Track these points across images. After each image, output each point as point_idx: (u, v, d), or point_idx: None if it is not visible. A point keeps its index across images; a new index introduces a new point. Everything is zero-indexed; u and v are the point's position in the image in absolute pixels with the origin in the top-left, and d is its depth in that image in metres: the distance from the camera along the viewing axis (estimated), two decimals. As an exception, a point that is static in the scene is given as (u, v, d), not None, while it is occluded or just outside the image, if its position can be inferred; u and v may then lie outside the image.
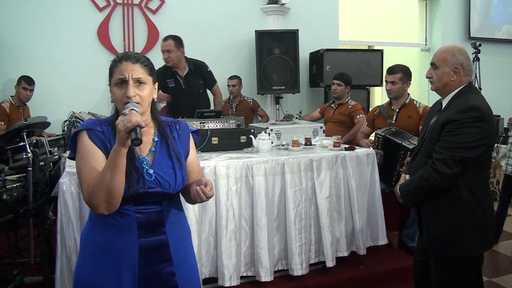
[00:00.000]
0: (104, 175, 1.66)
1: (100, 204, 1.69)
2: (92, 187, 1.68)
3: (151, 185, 1.80)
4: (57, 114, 5.28)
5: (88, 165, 1.74)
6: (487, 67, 7.52)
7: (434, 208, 2.53)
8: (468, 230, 2.43)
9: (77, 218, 2.95)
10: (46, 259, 3.25)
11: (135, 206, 1.80)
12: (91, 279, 1.81)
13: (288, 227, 3.53)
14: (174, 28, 6.34)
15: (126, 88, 1.76)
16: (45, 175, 3.58)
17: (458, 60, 2.53)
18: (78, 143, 1.80)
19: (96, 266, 1.81)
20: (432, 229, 2.54)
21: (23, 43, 5.83)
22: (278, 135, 4.24)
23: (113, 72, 1.81)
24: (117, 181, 1.67)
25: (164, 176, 1.83)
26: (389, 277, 3.85)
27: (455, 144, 2.39)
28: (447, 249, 2.47)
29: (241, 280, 3.45)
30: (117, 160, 1.65)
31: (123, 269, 1.79)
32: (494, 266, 4.21)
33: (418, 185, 2.52)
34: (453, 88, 2.55)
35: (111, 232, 1.80)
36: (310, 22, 7.09)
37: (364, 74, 6.68)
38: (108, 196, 1.67)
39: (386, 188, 4.10)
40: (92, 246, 1.85)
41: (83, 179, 1.73)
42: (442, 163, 2.40)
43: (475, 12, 8.36)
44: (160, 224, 1.85)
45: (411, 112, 4.26)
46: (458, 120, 2.39)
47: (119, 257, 1.80)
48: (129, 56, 1.82)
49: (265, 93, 6.58)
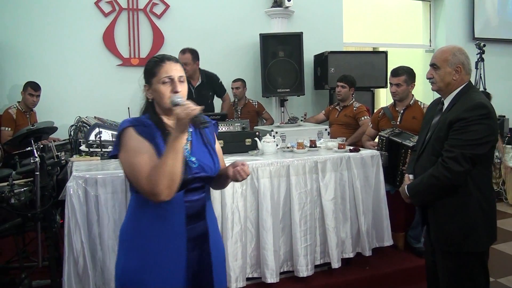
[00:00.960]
0: (165, 161, 1.78)
1: (163, 190, 1.79)
2: (154, 175, 1.78)
3: (196, 171, 1.96)
4: (63, 119, 5.33)
5: (142, 158, 1.85)
6: (492, 68, 7.51)
7: (445, 207, 2.56)
8: (479, 226, 2.49)
9: (84, 221, 2.98)
10: (53, 263, 3.28)
11: (184, 194, 1.95)
12: (143, 270, 1.93)
13: (294, 229, 3.55)
14: (179, 33, 6.41)
15: (173, 85, 1.95)
16: (53, 179, 3.62)
17: (459, 60, 2.58)
18: (125, 139, 1.90)
19: (147, 256, 1.94)
20: (444, 227, 2.57)
21: (30, 49, 5.88)
22: (283, 137, 4.25)
23: (157, 71, 1.97)
24: (178, 166, 1.80)
25: (205, 161, 2.01)
26: (395, 278, 3.85)
27: (464, 142, 2.43)
28: (460, 245, 2.51)
29: (247, 282, 3.47)
30: (178, 146, 1.79)
31: (173, 254, 1.94)
32: (500, 266, 4.20)
33: (429, 184, 2.55)
34: (455, 87, 2.60)
35: (160, 222, 1.94)
36: (314, 24, 7.10)
37: (369, 76, 6.69)
38: (171, 181, 1.79)
39: (392, 189, 4.10)
40: (141, 240, 1.96)
41: (139, 171, 1.83)
42: (453, 161, 2.44)
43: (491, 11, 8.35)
44: (203, 211, 2.05)
45: (415, 113, 4.26)
46: (466, 118, 2.43)
47: (168, 243, 1.94)
48: (170, 57, 2.02)
49: (270, 96, 6.60)
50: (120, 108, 4.81)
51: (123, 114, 4.23)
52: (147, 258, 1.94)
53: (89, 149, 3.75)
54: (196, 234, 2.01)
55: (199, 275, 2.02)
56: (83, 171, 3.12)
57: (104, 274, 3.02)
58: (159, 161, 1.81)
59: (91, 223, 3.00)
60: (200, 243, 2.02)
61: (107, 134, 4.02)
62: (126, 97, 5.74)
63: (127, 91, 6.05)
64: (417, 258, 4.04)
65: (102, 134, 3.89)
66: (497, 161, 6.58)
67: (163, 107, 1.99)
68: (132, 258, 1.96)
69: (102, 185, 3.01)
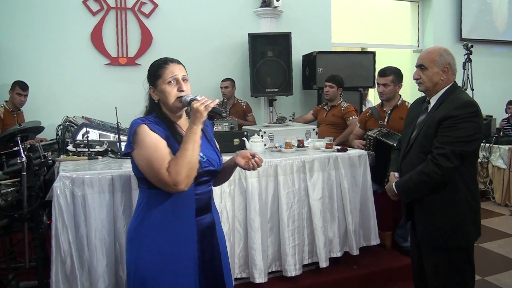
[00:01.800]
0: (185, 152, 1.92)
1: (184, 180, 1.92)
2: (175, 166, 1.91)
3: (205, 165, 2.08)
4: (51, 119, 5.30)
5: (160, 152, 1.96)
6: (479, 68, 7.57)
7: (433, 202, 2.61)
8: (466, 220, 2.55)
9: (71, 222, 2.96)
10: (41, 264, 3.26)
11: (195, 187, 2.06)
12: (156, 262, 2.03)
13: (282, 229, 3.56)
14: (168, 32, 6.40)
15: (179, 85, 2.06)
16: (40, 179, 3.59)
17: (446, 60, 2.63)
18: (141, 136, 1.99)
19: (159, 249, 2.04)
20: (432, 222, 2.61)
21: (17, 48, 5.85)
22: (271, 137, 4.27)
23: (162, 73, 2.08)
24: (197, 156, 1.95)
25: (211, 156, 2.14)
26: (383, 277, 3.87)
27: (454, 139, 2.48)
28: (448, 240, 2.57)
29: (235, 282, 3.46)
30: (196, 137, 1.94)
31: (184, 246, 2.06)
32: (487, 264, 4.24)
33: (419, 181, 2.59)
34: (442, 87, 2.66)
35: (171, 216, 2.05)
36: (303, 24, 7.13)
37: (357, 76, 6.72)
38: (190, 170, 1.93)
39: (379, 188, 4.12)
40: (152, 234, 2.05)
41: (159, 164, 1.93)
42: (443, 158, 2.48)
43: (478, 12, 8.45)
44: (209, 203, 2.18)
45: (403, 113, 4.25)
46: (456, 116, 2.48)
47: (180, 236, 2.05)
48: (172, 59, 2.13)
49: (258, 95, 6.62)
50: (108, 107, 4.77)
51: (111, 113, 4.21)
52: (161, 252, 2.03)
53: (76, 149, 3.73)
54: (205, 226, 2.13)
55: (210, 265, 2.14)
56: (70, 171, 3.10)
57: (91, 274, 3.00)
58: (178, 152, 1.94)
59: (78, 224, 2.98)
60: (208, 234, 2.14)
61: (95, 134, 4.01)
62: (114, 97, 5.74)
63: (115, 90, 6.06)
64: (405, 257, 4.06)
65: (90, 134, 3.88)
66: (484, 160, 6.65)
67: (169, 107, 2.09)
68: (146, 254, 2.05)
69: (89, 185, 3.00)
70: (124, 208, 3.07)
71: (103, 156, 3.76)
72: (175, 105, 2.06)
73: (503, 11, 8.77)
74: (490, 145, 6.59)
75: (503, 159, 6.43)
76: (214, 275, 2.15)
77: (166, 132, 2.05)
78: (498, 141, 6.62)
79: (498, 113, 7.68)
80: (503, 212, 6.14)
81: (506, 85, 8.73)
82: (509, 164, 6.36)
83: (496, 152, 6.53)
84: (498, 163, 6.49)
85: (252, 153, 2.20)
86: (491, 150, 6.59)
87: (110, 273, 3.04)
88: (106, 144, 3.84)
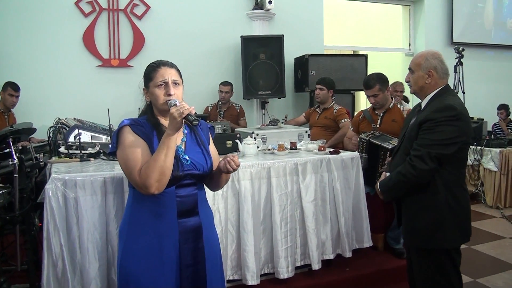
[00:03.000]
0: (158, 156, 1.95)
1: (153, 184, 1.95)
2: (146, 169, 1.96)
3: (188, 168, 2.11)
4: (42, 120, 5.26)
5: (136, 154, 2.02)
6: (471, 72, 7.63)
7: (414, 204, 2.67)
8: (446, 224, 2.57)
9: (63, 224, 2.94)
10: (32, 266, 3.24)
11: (176, 190, 2.10)
12: (137, 262, 2.09)
13: (274, 231, 3.55)
14: (160, 34, 6.40)
15: (168, 88, 2.10)
16: (31, 181, 3.57)
17: (431, 64, 2.67)
18: (122, 137, 2.07)
19: (141, 249, 2.09)
20: (412, 223, 2.68)
21: (8, 49, 5.81)
22: (264, 139, 4.26)
23: (153, 76, 2.13)
24: (170, 161, 1.97)
25: (197, 159, 2.16)
26: (375, 279, 3.88)
27: (431, 142, 2.52)
28: (427, 242, 2.61)
29: (227, 284, 3.46)
30: (171, 143, 1.97)
31: (166, 247, 2.09)
32: (478, 266, 4.26)
33: (397, 181, 2.66)
34: (430, 90, 2.69)
35: (153, 216, 2.09)
36: (295, 27, 7.15)
37: (349, 79, 6.75)
38: (161, 175, 1.96)
39: (371, 190, 4.13)
40: (136, 233, 2.11)
41: (133, 165, 2.01)
42: (419, 159, 2.54)
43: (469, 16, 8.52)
44: (195, 207, 2.17)
45: (395, 116, 4.29)
46: (435, 119, 2.53)
47: (162, 237, 2.09)
48: (166, 62, 2.18)
49: (251, 98, 6.61)
50: (100, 109, 4.76)
51: (103, 115, 4.20)
52: (142, 251, 2.08)
53: (68, 151, 3.71)
54: (189, 229, 2.13)
55: (192, 269, 2.14)
56: (62, 173, 3.08)
57: (83, 277, 2.98)
58: (152, 156, 1.98)
59: (70, 226, 2.96)
60: (193, 238, 2.14)
61: (87, 136, 3.99)
62: (106, 98, 5.73)
63: (107, 92, 6.05)
64: (397, 259, 4.08)
65: (82, 136, 3.86)
66: (475, 163, 6.69)
67: (159, 109, 2.14)
68: (128, 252, 2.11)
69: (81, 187, 2.98)
70: (117, 210, 3.05)
71: (95, 158, 3.74)
72: (163, 108, 2.12)
73: (493, 15, 8.83)
74: (481, 148, 6.63)
75: (494, 161, 6.48)
76: (196, 279, 2.15)
77: (152, 134, 2.10)
78: (490, 144, 6.66)
79: (490, 116, 7.73)
80: (494, 215, 6.18)
81: (497, 88, 8.78)
82: (500, 166, 6.40)
83: (487, 154, 6.57)
84: (489, 166, 6.54)
85: (233, 154, 2.19)
86: (482, 153, 6.63)
87: (102, 276, 3.01)
88: (98, 146, 3.82)
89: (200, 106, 6.34)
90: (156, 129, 2.12)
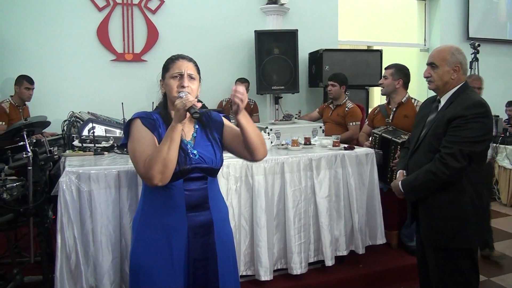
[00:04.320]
0: (162, 148, 1.95)
1: (156, 175, 1.95)
2: (150, 161, 1.96)
3: (196, 162, 2.12)
4: (56, 114, 5.27)
5: (142, 146, 2.04)
6: (486, 68, 7.53)
7: (436, 202, 2.59)
8: (470, 223, 2.51)
9: (77, 217, 2.95)
10: (46, 258, 3.25)
11: (184, 183, 2.10)
12: (146, 255, 2.11)
13: (288, 226, 3.54)
14: (174, 28, 6.40)
15: (182, 80, 2.11)
16: (45, 174, 3.59)
17: (457, 59, 2.62)
18: (132, 129, 2.11)
19: (150, 242, 2.11)
20: (434, 222, 2.60)
21: (23, 43, 5.85)
22: (277, 134, 4.25)
23: (170, 67, 2.16)
24: (173, 154, 1.96)
25: (206, 153, 2.16)
26: (388, 276, 3.86)
27: (462, 139, 2.46)
28: (450, 241, 2.54)
29: (240, 279, 3.44)
30: (174, 135, 1.96)
31: (175, 241, 2.09)
32: (493, 265, 4.21)
33: (426, 180, 2.57)
34: (452, 86, 2.63)
35: (162, 209, 2.11)
36: (309, 22, 7.11)
37: (363, 74, 6.71)
38: (164, 167, 1.95)
39: (384, 187, 4.10)
40: (146, 226, 2.14)
41: (138, 156, 2.02)
42: (451, 157, 2.46)
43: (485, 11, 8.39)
44: (205, 201, 2.16)
45: (407, 111, 4.22)
46: (466, 116, 2.47)
47: (171, 231, 2.10)
48: (185, 56, 2.20)
49: (264, 93, 6.59)
50: (113, 103, 4.78)
51: (117, 109, 4.21)
52: (152, 245, 2.10)
53: (82, 144, 3.72)
54: (199, 223, 2.13)
55: (202, 262, 2.13)
56: (76, 166, 3.09)
57: (96, 270, 2.99)
58: (156, 149, 1.98)
59: (84, 219, 2.98)
60: (202, 233, 2.14)
61: (101, 130, 4.00)
62: (120, 93, 5.74)
63: (121, 86, 6.06)
64: (410, 257, 4.03)
65: (96, 129, 3.87)
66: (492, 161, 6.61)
67: (171, 100, 2.14)
68: (139, 244, 2.14)
69: (95, 180, 2.99)
70: (130, 204, 3.06)
71: (109, 151, 3.76)
72: (174, 100, 2.10)
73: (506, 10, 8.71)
74: (496, 145, 6.55)
75: (509, 159, 6.40)
76: (207, 274, 2.15)
77: (161, 128, 2.13)
78: (505, 141, 6.57)
79: (503, 113, 7.64)
80: (509, 213, 6.11)
81: (512, 84, 8.68)
82: (515, 164, 6.32)
83: (502, 152, 6.49)
84: (504, 163, 6.46)
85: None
86: (497, 150, 6.54)
87: (115, 268, 3.03)
88: (112, 139, 3.83)
89: (213, 100, 6.32)
90: (166, 123, 2.13)
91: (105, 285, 2.98)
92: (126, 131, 2.15)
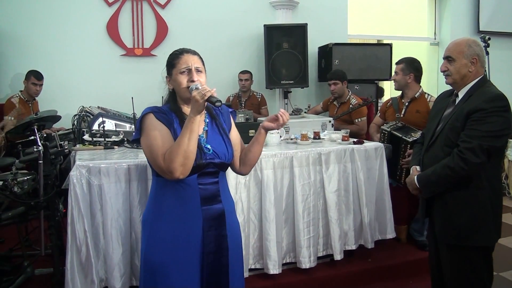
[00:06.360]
0: (182, 140, 1.95)
1: (178, 168, 1.96)
2: (170, 154, 1.97)
3: (210, 157, 2.13)
4: (67, 109, 5.32)
5: (159, 140, 2.03)
6: (497, 61, 7.47)
7: (453, 199, 2.53)
8: (488, 220, 2.46)
9: (87, 210, 2.98)
10: (56, 251, 3.29)
11: (198, 178, 2.10)
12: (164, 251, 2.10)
13: (297, 220, 3.54)
14: (183, 23, 6.40)
15: (191, 75, 2.11)
16: (56, 168, 3.62)
17: (474, 51, 2.54)
18: (146, 124, 2.09)
19: (167, 237, 2.11)
20: (450, 219, 2.54)
21: (33, 38, 5.88)
22: (286, 129, 4.24)
23: (176, 63, 2.15)
24: (193, 145, 1.98)
25: (219, 148, 2.17)
26: (397, 270, 3.85)
27: (482, 133, 2.39)
28: (468, 239, 2.49)
29: (249, 272, 3.47)
30: (193, 127, 1.96)
31: (191, 233, 2.10)
32: (502, 260, 4.19)
33: (443, 175, 2.50)
34: (470, 79, 2.57)
35: (177, 203, 2.11)
36: (319, 16, 7.08)
37: (373, 68, 6.68)
38: (185, 159, 1.96)
39: (393, 182, 4.08)
40: (161, 221, 2.13)
41: (157, 151, 2.02)
42: (470, 152, 2.39)
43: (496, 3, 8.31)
44: (217, 194, 2.18)
45: (420, 107, 4.18)
46: (486, 109, 2.40)
47: (186, 223, 2.11)
48: (188, 50, 2.19)
49: (273, 87, 6.59)
50: (123, 98, 4.80)
51: (127, 104, 4.23)
52: (167, 239, 2.10)
53: (92, 139, 3.75)
54: (212, 216, 2.14)
55: (215, 255, 2.15)
56: (86, 160, 3.12)
57: (106, 262, 3.02)
58: (176, 141, 1.99)
59: (94, 212, 3.00)
60: (216, 225, 2.15)
61: (111, 124, 4.02)
62: (130, 87, 5.75)
63: (130, 81, 6.08)
64: (420, 251, 4.03)
65: (106, 124, 3.89)
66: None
67: (181, 96, 2.16)
68: (155, 240, 2.13)
69: (105, 174, 3.01)
70: (140, 198, 3.09)
71: (119, 146, 3.78)
72: (185, 95, 2.13)
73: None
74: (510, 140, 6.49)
75: (519, 153, 6.34)
76: (219, 267, 2.16)
77: (174, 122, 2.13)
78: (515, 136, 6.51)
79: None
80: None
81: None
82: (526, 159, 6.27)
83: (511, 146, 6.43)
84: (514, 158, 6.41)
85: (277, 114, 2.28)
86: (507, 145, 6.49)
87: (125, 261, 3.05)
88: (122, 134, 3.85)
89: (221, 95, 6.32)
90: (179, 117, 2.14)
91: (115, 277, 3.01)
92: (138, 126, 2.14)
